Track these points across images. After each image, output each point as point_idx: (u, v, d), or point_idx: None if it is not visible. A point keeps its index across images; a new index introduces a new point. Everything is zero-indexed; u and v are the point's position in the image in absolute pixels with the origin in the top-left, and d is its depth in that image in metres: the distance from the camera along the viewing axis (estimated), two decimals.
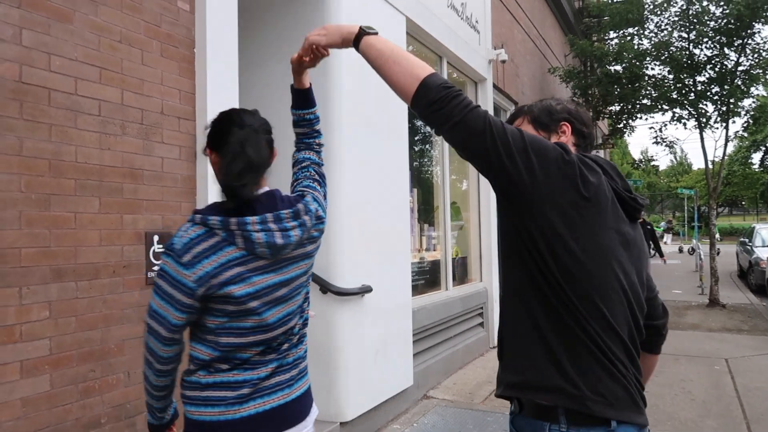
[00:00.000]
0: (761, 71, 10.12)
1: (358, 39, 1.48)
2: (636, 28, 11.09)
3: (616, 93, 11.35)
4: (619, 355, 1.33)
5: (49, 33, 2.31)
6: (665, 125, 11.87)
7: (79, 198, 2.41)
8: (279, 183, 1.71)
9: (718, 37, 10.05)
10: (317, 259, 1.76)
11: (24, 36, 2.22)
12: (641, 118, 11.98)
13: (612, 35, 12.12)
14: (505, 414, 2.46)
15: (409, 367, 4.70)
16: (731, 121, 10.88)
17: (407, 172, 4.91)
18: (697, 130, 10.85)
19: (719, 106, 10.56)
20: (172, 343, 1.50)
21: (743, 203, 49.18)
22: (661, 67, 10.95)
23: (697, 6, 10.07)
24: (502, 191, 1.36)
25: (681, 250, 26.72)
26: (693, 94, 10.56)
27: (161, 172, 2.78)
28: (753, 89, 10.43)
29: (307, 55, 1.66)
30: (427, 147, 6.21)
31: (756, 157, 32.28)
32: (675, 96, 10.80)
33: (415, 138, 5.79)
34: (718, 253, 11.01)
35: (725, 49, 10.21)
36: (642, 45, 10.93)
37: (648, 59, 10.75)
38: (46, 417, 2.25)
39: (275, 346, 1.60)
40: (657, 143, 12.36)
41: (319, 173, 1.82)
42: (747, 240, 15.82)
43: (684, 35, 10.33)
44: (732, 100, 10.28)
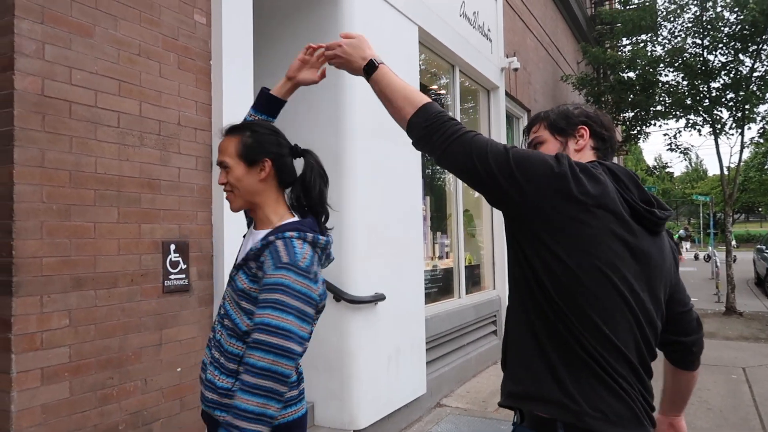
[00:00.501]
0: None
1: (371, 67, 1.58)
2: (649, 34, 11.05)
3: (629, 100, 11.28)
4: (623, 373, 1.30)
5: (71, 47, 2.37)
6: (679, 132, 11.79)
7: (99, 208, 2.46)
8: None
9: (732, 43, 10.00)
10: (330, 267, 1.87)
11: (46, 50, 2.28)
12: (655, 124, 11.87)
13: (625, 42, 12.07)
14: None
15: (423, 375, 4.70)
16: (747, 128, 10.80)
17: (420, 179, 4.92)
18: (712, 136, 10.77)
19: (734, 112, 10.48)
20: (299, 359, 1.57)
21: (760, 210, 48.51)
22: (675, 74, 10.89)
23: (711, 12, 10.03)
24: (498, 208, 1.41)
25: (697, 257, 26.46)
26: (707, 100, 10.47)
27: (178, 182, 2.83)
28: None
29: (322, 57, 1.74)
30: None
31: None
32: (689, 102, 10.72)
33: None
34: (734, 261, 10.89)
35: (740, 55, 10.14)
36: (655, 51, 10.89)
37: (661, 66, 10.70)
38: (65, 423, 2.29)
39: None
40: (671, 150, 12.26)
41: None
42: (764, 247, 15.66)
43: (698, 41, 10.28)
44: (747, 106, 10.19)
